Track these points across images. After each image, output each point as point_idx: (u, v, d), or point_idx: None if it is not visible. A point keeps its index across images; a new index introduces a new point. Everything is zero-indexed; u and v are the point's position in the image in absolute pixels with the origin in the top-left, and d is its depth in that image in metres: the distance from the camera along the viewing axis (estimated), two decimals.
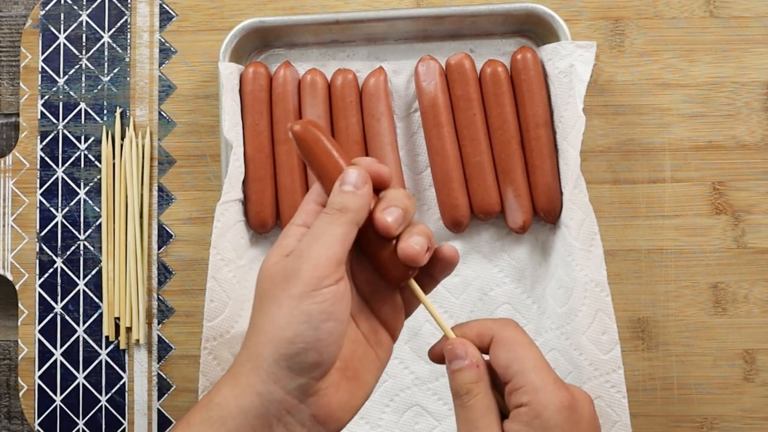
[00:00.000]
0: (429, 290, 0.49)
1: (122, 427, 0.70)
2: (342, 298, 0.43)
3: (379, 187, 0.47)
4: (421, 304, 0.49)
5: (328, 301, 0.42)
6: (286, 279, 0.43)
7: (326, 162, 0.46)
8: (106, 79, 0.73)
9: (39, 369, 0.71)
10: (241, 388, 0.43)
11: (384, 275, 0.47)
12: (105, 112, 0.72)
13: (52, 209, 0.72)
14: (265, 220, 0.67)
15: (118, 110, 0.72)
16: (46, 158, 0.72)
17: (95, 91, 0.73)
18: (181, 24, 0.73)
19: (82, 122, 0.72)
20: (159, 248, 0.71)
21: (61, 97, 0.73)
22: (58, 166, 0.72)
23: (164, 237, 0.71)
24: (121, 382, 0.70)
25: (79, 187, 0.72)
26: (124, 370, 0.70)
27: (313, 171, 0.47)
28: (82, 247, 0.71)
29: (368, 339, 0.48)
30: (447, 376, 0.67)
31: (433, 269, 0.48)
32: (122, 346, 0.70)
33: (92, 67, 0.73)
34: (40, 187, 0.72)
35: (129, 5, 0.73)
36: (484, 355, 0.47)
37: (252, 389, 0.43)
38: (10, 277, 0.71)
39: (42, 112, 0.72)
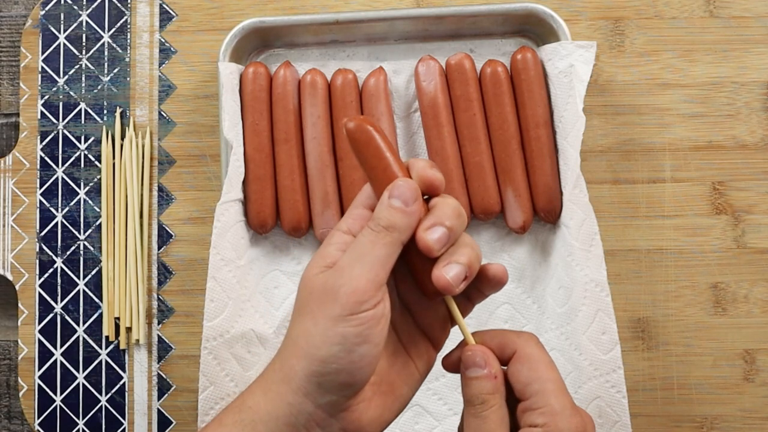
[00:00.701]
0: (477, 302, 0.48)
1: (122, 427, 0.70)
2: (379, 321, 0.42)
3: (430, 194, 0.45)
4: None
5: (365, 324, 0.41)
6: (324, 296, 0.42)
7: (377, 165, 0.44)
8: (106, 79, 0.73)
9: (39, 369, 0.71)
10: (272, 395, 0.43)
11: (422, 288, 0.46)
12: (105, 112, 0.72)
13: (52, 209, 0.72)
14: (265, 220, 0.67)
15: (118, 110, 0.72)
16: (46, 158, 0.72)
17: (95, 91, 0.73)
18: (181, 24, 0.73)
19: (82, 122, 0.72)
20: (159, 248, 0.71)
21: (61, 97, 0.73)
22: (58, 166, 0.72)
23: (164, 237, 0.71)
24: (121, 382, 0.70)
25: (79, 187, 0.72)
26: (124, 370, 0.70)
27: (364, 172, 0.45)
28: (82, 247, 0.71)
29: (408, 350, 0.47)
30: (446, 376, 0.67)
31: (481, 285, 0.47)
32: (122, 346, 0.70)
33: (92, 67, 0.73)
34: (40, 187, 0.72)
35: (129, 5, 0.73)
36: (502, 367, 0.46)
37: (283, 398, 0.43)
38: (10, 277, 0.71)
39: (42, 112, 0.72)
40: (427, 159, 0.46)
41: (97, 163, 0.72)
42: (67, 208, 0.72)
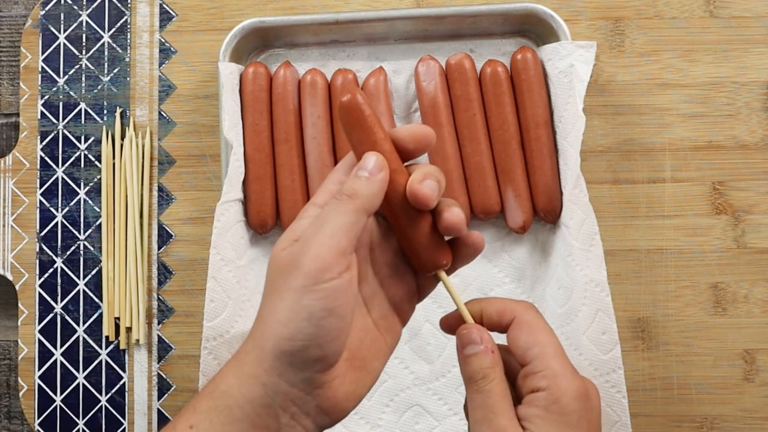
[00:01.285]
0: (453, 270, 0.48)
1: (122, 427, 0.70)
2: (345, 292, 0.41)
3: (424, 148, 0.45)
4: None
5: (330, 296, 0.40)
6: (289, 269, 0.41)
7: (365, 141, 0.44)
8: (106, 79, 0.73)
9: (39, 369, 0.71)
10: (246, 377, 0.42)
11: (417, 261, 0.45)
12: (105, 112, 0.72)
13: (52, 209, 0.72)
14: (265, 220, 0.67)
15: (118, 110, 0.72)
16: (46, 158, 0.72)
17: (95, 91, 0.73)
18: (181, 24, 0.73)
19: (82, 122, 0.72)
20: (159, 248, 0.71)
21: (61, 97, 0.73)
22: (58, 166, 0.72)
23: (164, 237, 0.71)
24: (121, 382, 0.70)
25: (79, 187, 0.72)
26: (124, 370, 0.70)
27: (352, 147, 0.45)
28: (82, 247, 0.71)
29: (378, 326, 0.46)
30: (446, 376, 0.67)
31: (458, 254, 0.47)
32: (122, 346, 0.70)
33: (92, 67, 0.73)
34: (40, 187, 0.72)
35: (129, 5, 0.73)
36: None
37: (257, 380, 0.42)
38: (10, 277, 0.71)
39: (42, 112, 0.72)
40: (409, 126, 0.46)
41: (97, 163, 0.72)
42: (67, 208, 0.72)
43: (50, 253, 0.71)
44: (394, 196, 0.44)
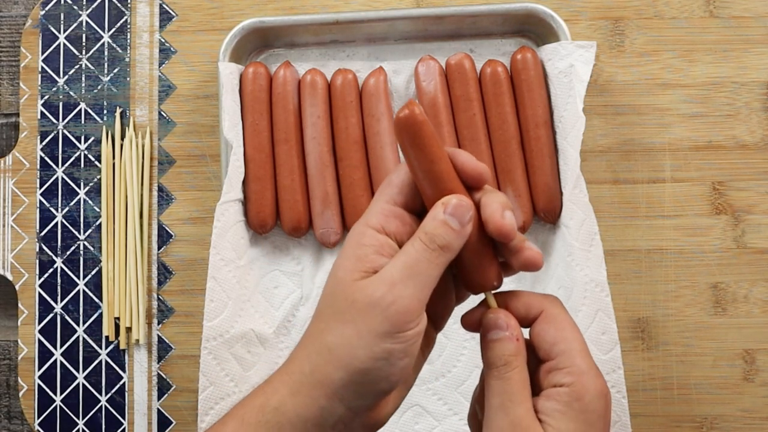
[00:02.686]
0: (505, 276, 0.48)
1: (122, 427, 0.70)
2: (420, 334, 0.42)
3: (474, 186, 0.45)
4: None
5: (410, 341, 0.41)
6: (369, 308, 0.41)
7: (430, 168, 0.42)
8: (106, 79, 0.73)
9: (39, 369, 0.71)
10: (303, 399, 0.43)
11: (468, 281, 0.45)
12: (105, 112, 0.72)
13: (52, 209, 0.72)
14: (265, 220, 0.67)
15: (118, 110, 0.72)
16: (46, 158, 0.72)
17: (95, 91, 0.73)
18: (181, 24, 0.73)
19: (82, 122, 0.72)
20: (159, 248, 0.71)
21: (61, 97, 0.73)
22: (58, 166, 0.72)
23: (164, 237, 0.71)
24: (121, 382, 0.70)
25: (79, 187, 0.72)
26: (124, 370, 0.70)
27: (409, 166, 0.44)
28: (82, 247, 0.71)
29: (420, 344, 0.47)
30: (446, 376, 0.67)
31: (514, 264, 0.46)
32: (122, 346, 0.70)
33: (92, 67, 0.73)
34: (40, 187, 0.72)
35: (129, 5, 0.73)
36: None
37: (315, 402, 0.42)
38: (10, 277, 0.71)
39: (42, 112, 0.72)
40: (467, 152, 0.45)
41: (97, 163, 0.72)
42: (67, 208, 0.72)
43: (50, 253, 0.71)
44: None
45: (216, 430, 0.44)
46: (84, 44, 0.73)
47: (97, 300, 0.71)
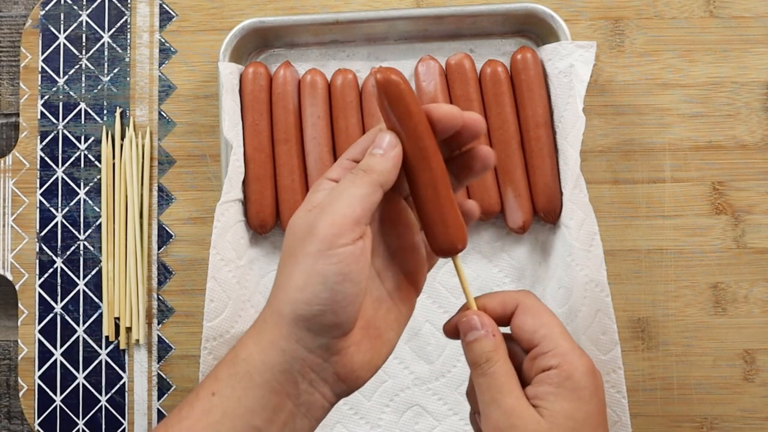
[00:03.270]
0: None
1: (122, 427, 0.70)
2: (359, 258, 0.42)
3: (468, 135, 0.46)
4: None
5: (344, 262, 0.41)
6: (304, 235, 0.43)
7: (398, 116, 0.45)
8: (106, 79, 0.73)
9: (39, 369, 0.71)
10: (265, 344, 0.43)
11: (434, 243, 0.46)
12: (105, 112, 0.72)
13: (52, 209, 0.72)
14: (265, 220, 0.67)
15: (118, 110, 0.72)
16: (46, 158, 0.72)
17: (95, 91, 0.73)
18: (181, 24, 0.73)
19: (82, 122, 0.72)
20: (159, 248, 0.71)
21: (61, 97, 0.73)
22: (58, 166, 0.72)
23: (164, 237, 0.71)
24: (121, 382, 0.70)
25: (79, 187, 0.72)
26: (124, 370, 0.70)
27: (385, 122, 0.46)
28: (82, 247, 0.71)
29: (392, 296, 0.47)
30: (446, 376, 0.67)
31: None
32: (122, 346, 0.70)
33: (92, 67, 0.73)
34: (40, 187, 0.72)
35: (129, 5, 0.73)
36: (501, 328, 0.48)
37: (276, 345, 0.43)
38: (10, 277, 0.71)
39: (42, 112, 0.72)
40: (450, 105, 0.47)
41: (97, 163, 0.72)
42: (67, 208, 0.72)
43: (50, 253, 0.71)
44: (424, 172, 0.45)
45: (195, 391, 0.45)
46: (84, 44, 0.73)
47: (97, 300, 0.71)
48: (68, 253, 0.71)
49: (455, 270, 0.48)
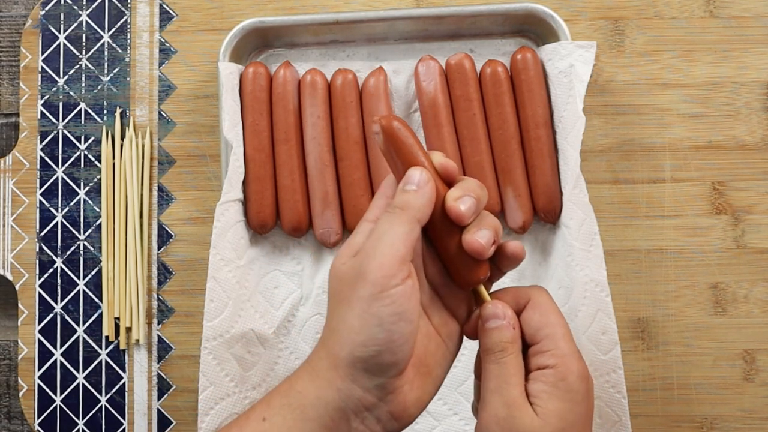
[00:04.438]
0: (496, 280, 0.51)
1: (122, 427, 0.70)
2: (410, 297, 0.43)
3: (448, 181, 0.48)
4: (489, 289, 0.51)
5: (397, 302, 0.43)
6: (354, 280, 0.44)
7: (405, 162, 0.47)
8: (106, 79, 0.73)
9: (39, 369, 0.71)
10: (321, 381, 0.45)
11: (456, 277, 0.48)
12: (105, 112, 0.72)
13: (52, 209, 0.72)
14: (265, 220, 0.67)
15: (118, 110, 0.72)
16: (46, 158, 0.72)
17: (95, 91, 0.73)
18: (181, 24, 0.73)
19: (82, 122, 0.72)
20: (159, 248, 0.71)
21: (61, 97, 0.73)
22: (58, 166, 0.72)
23: (164, 237, 0.71)
24: (121, 382, 0.70)
25: (79, 187, 0.72)
26: (124, 370, 0.70)
27: (392, 168, 0.48)
28: (82, 247, 0.71)
29: (439, 332, 0.48)
30: (448, 377, 0.67)
31: (500, 263, 0.49)
32: (122, 346, 0.70)
33: (92, 67, 0.73)
34: (40, 187, 0.72)
35: (129, 5, 0.73)
36: None
37: (331, 384, 0.44)
38: (10, 277, 0.71)
39: (42, 112, 0.72)
40: (440, 152, 0.49)
41: (97, 163, 0.72)
42: (67, 208, 0.72)
43: (50, 253, 0.71)
44: (434, 213, 0.46)
45: (245, 414, 0.46)
46: (84, 44, 0.73)
47: (97, 300, 0.71)
48: (68, 253, 0.71)
49: (483, 300, 0.49)
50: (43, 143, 0.72)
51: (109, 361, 0.70)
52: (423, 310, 0.48)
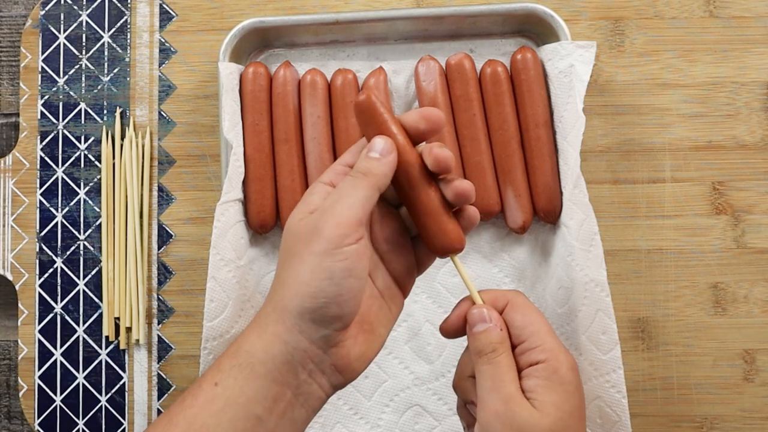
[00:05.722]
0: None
1: (122, 427, 0.70)
2: (362, 256, 0.45)
3: (423, 138, 0.49)
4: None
5: (349, 259, 0.44)
6: (309, 236, 0.45)
7: (375, 130, 0.48)
8: (106, 79, 0.73)
9: (39, 369, 0.71)
10: (268, 337, 0.46)
11: (432, 244, 0.49)
12: (105, 112, 0.72)
13: (52, 209, 0.72)
14: (265, 220, 0.67)
15: (118, 110, 0.72)
16: (46, 158, 0.72)
17: (95, 91, 0.73)
18: (181, 24, 0.73)
19: (82, 122, 0.72)
20: (159, 248, 0.71)
21: (61, 97, 0.73)
22: (58, 166, 0.72)
23: (164, 237, 0.71)
24: (121, 382, 0.70)
25: (79, 187, 0.72)
26: (124, 370, 0.70)
27: (366, 138, 0.49)
28: (82, 247, 0.71)
29: (383, 294, 0.50)
30: (446, 376, 0.67)
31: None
32: (122, 346, 0.70)
33: (92, 67, 0.73)
34: (40, 187, 0.72)
35: (129, 5, 0.73)
36: None
37: (278, 338, 0.46)
38: (10, 277, 0.71)
39: (42, 112, 0.72)
40: (416, 111, 0.50)
41: (97, 163, 0.72)
42: (67, 208, 0.72)
43: (50, 253, 0.71)
44: (411, 179, 0.48)
45: (198, 382, 0.47)
46: (84, 44, 0.73)
47: (97, 300, 0.71)
48: (68, 253, 0.71)
49: (456, 269, 0.51)
50: (43, 143, 0.72)
51: (109, 361, 0.70)
52: (368, 273, 0.49)
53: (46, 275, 0.71)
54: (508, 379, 0.47)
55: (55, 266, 0.71)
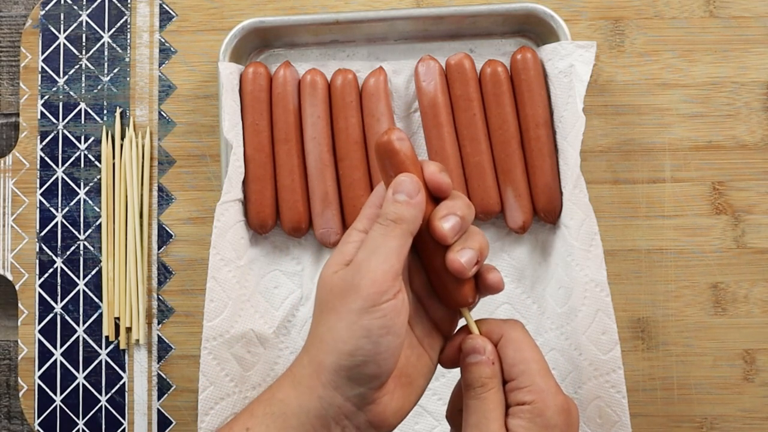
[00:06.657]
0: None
1: (122, 427, 0.70)
2: (400, 311, 0.44)
3: (438, 196, 0.47)
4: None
5: (387, 316, 0.43)
6: (345, 292, 0.44)
7: (397, 169, 0.46)
8: (106, 79, 0.73)
9: (39, 369, 0.71)
10: (303, 389, 0.45)
11: (443, 296, 0.48)
12: (105, 112, 0.72)
13: (52, 209, 0.72)
14: (265, 220, 0.67)
15: (118, 110, 0.72)
16: (46, 158, 0.72)
17: (95, 91, 0.73)
18: (181, 24, 0.73)
19: (82, 122, 0.72)
20: (159, 248, 0.71)
21: (61, 97, 0.73)
22: (58, 166, 0.72)
23: (164, 237, 0.71)
24: (121, 382, 0.70)
25: (79, 187, 0.72)
26: (124, 370, 0.70)
27: (384, 180, 0.47)
28: (82, 247, 0.71)
29: (422, 342, 0.49)
30: (446, 376, 0.67)
31: (479, 287, 0.49)
32: (122, 346, 0.70)
33: (92, 67, 0.73)
34: (40, 187, 0.72)
35: (129, 5, 0.73)
36: None
37: (313, 392, 0.45)
38: (10, 277, 0.71)
39: (42, 112, 0.72)
40: (437, 163, 0.48)
41: (97, 163, 0.72)
42: (67, 208, 0.72)
43: (50, 253, 0.71)
44: (420, 228, 0.46)
45: (229, 425, 0.47)
46: (84, 44, 0.73)
47: (97, 300, 0.71)
48: (68, 253, 0.71)
49: (465, 318, 0.49)
50: (43, 143, 0.72)
51: (109, 361, 0.70)
52: (408, 321, 0.48)
53: (46, 275, 0.71)
54: (492, 417, 0.46)
55: (55, 266, 0.71)
